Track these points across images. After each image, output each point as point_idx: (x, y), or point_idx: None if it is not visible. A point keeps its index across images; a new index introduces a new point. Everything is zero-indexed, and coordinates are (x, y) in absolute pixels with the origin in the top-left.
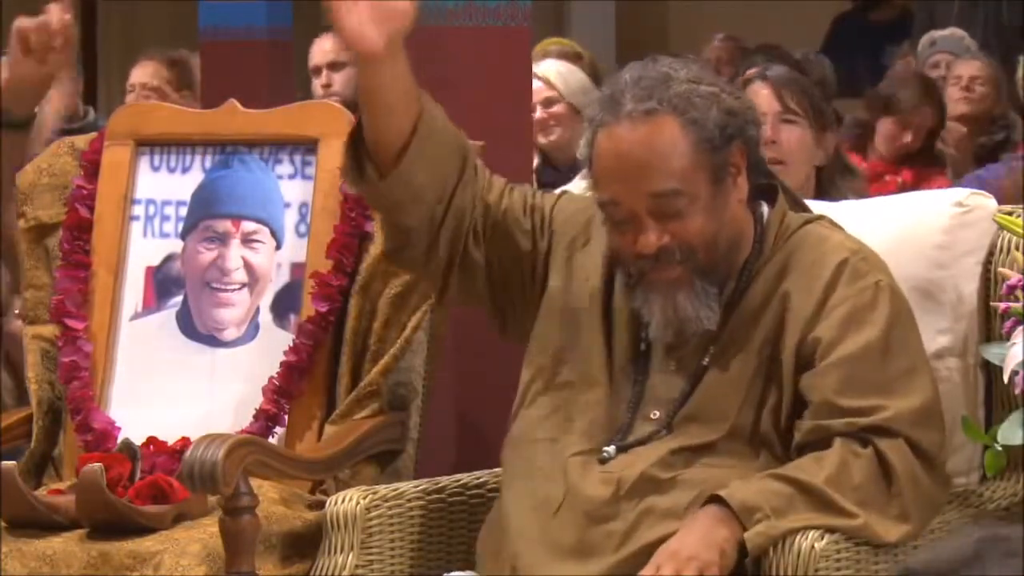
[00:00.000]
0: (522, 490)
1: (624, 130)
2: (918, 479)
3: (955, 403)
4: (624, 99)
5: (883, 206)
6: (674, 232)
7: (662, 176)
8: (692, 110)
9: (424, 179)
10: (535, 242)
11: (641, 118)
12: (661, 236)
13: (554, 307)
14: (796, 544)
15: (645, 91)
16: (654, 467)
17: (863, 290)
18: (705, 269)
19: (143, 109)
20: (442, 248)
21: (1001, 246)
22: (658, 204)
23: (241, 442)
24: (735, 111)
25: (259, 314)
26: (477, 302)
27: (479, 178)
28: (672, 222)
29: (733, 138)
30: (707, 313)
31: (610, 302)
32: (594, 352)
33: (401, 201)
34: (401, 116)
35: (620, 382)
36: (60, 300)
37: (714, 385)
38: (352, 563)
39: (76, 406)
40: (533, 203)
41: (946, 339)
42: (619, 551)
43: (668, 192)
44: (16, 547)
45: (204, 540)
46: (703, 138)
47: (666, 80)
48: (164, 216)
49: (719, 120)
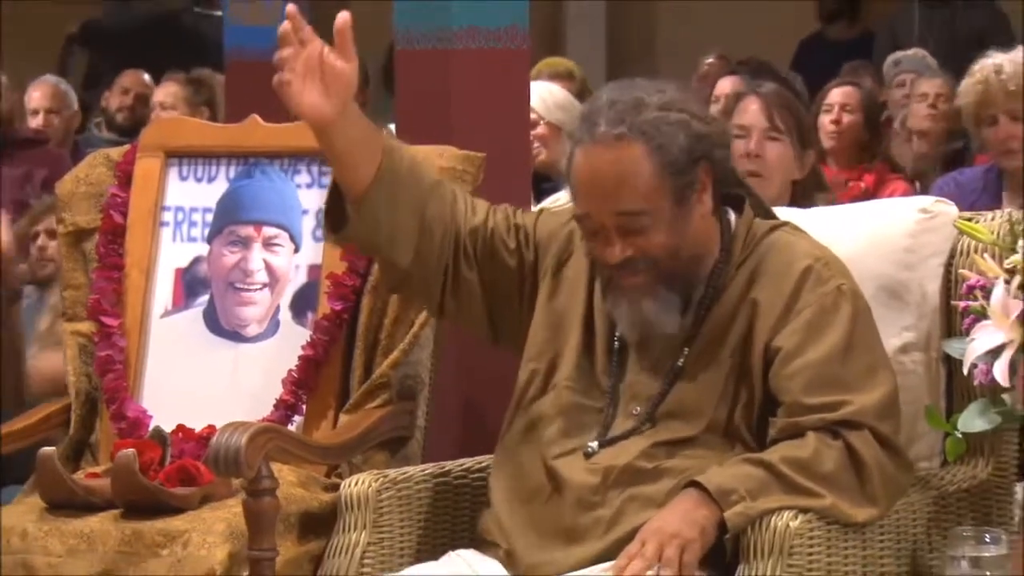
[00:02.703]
0: (514, 485)
1: (596, 151)
2: (884, 466)
3: (919, 394)
4: (599, 121)
5: (854, 212)
6: (637, 246)
7: (627, 197)
8: (659, 136)
9: (389, 219)
10: (522, 257)
11: (612, 142)
12: (625, 249)
13: (545, 315)
14: (772, 523)
15: (618, 115)
16: (638, 459)
17: (826, 294)
18: (667, 278)
19: (173, 124)
20: (433, 275)
21: (962, 249)
22: (623, 221)
23: (262, 430)
24: (702, 136)
25: (279, 312)
26: (471, 320)
27: (459, 204)
28: (636, 237)
29: (699, 160)
30: (669, 318)
31: (591, 307)
32: (578, 355)
33: (376, 242)
34: (365, 166)
35: (601, 381)
36: (96, 299)
37: (692, 383)
38: (364, 541)
39: (111, 396)
40: (516, 222)
41: (911, 335)
42: (606, 536)
43: (632, 212)
44: (56, 526)
45: (229, 519)
46: (668, 162)
47: (638, 106)
48: (192, 222)
49: (685, 145)
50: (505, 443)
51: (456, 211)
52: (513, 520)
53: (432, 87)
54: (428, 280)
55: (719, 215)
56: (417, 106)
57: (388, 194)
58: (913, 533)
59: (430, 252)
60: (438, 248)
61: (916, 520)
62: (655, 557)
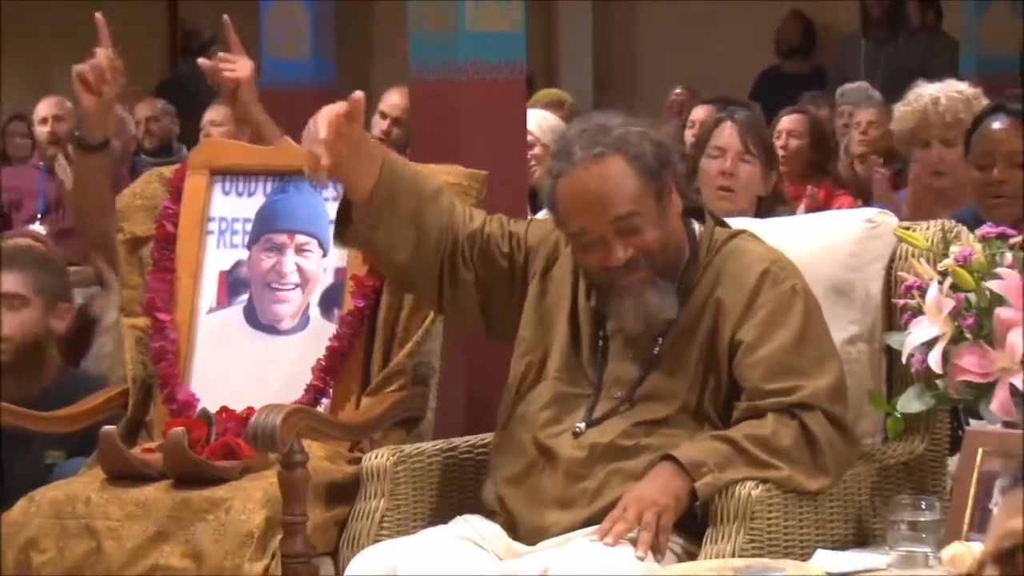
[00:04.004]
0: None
1: (581, 173)
2: (833, 442)
3: (863, 379)
4: (574, 150)
5: (807, 222)
6: (636, 245)
7: (620, 203)
8: (631, 148)
9: (387, 223)
10: (513, 260)
11: (593, 160)
12: (626, 250)
13: (535, 312)
14: (737, 492)
15: (591, 140)
16: (619, 437)
17: (782, 293)
18: (662, 269)
19: (217, 146)
20: (431, 273)
21: (901, 254)
22: (620, 225)
23: (295, 411)
24: (662, 143)
25: (309, 309)
26: (467, 314)
27: (456, 211)
28: (633, 237)
29: (666, 164)
30: (669, 303)
31: (576, 306)
32: (566, 348)
33: (374, 243)
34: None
35: (587, 372)
36: (151, 298)
37: (666, 370)
38: (383, 507)
39: (163, 382)
40: (510, 229)
41: (856, 328)
42: (592, 504)
43: (626, 214)
44: (115, 494)
45: (265, 489)
46: (645, 166)
47: (604, 129)
48: (233, 231)
49: (653, 150)
50: (504, 427)
51: (454, 218)
52: (512, 491)
53: (441, 113)
54: (427, 278)
55: (685, 222)
56: (429, 129)
57: (386, 201)
58: (859, 500)
59: (427, 253)
60: (434, 250)
61: (861, 489)
62: (635, 520)
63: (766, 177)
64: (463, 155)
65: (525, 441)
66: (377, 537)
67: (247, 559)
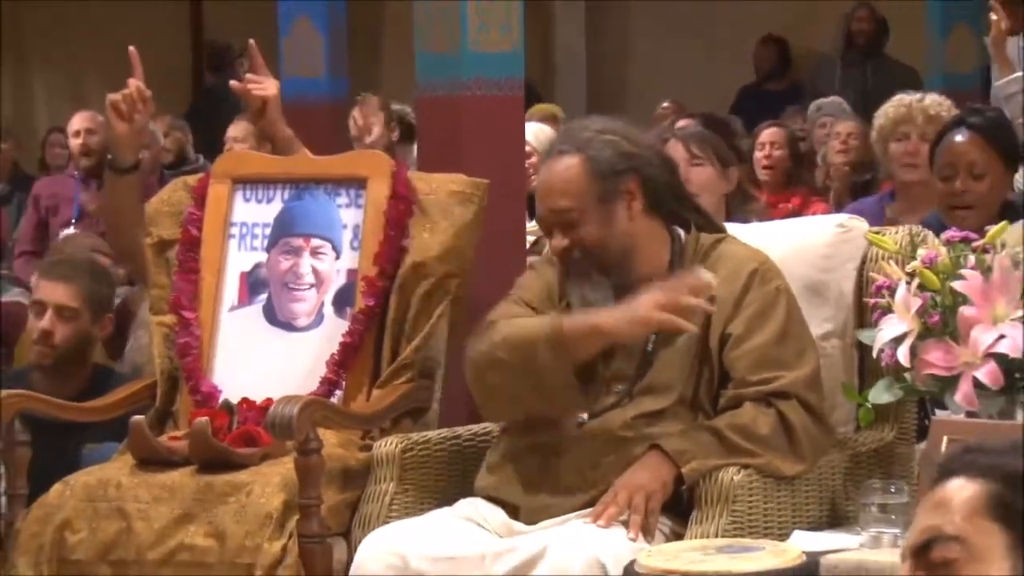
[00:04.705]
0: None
1: (547, 164)
2: (809, 430)
3: (837, 373)
4: (555, 143)
5: (785, 227)
6: (572, 238)
7: (561, 197)
8: (590, 149)
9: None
10: None
11: (556, 156)
12: (561, 240)
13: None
14: (719, 477)
15: (565, 138)
16: (620, 429)
17: (768, 292)
18: (600, 265)
19: (238, 156)
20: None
21: (871, 256)
22: (557, 217)
23: (310, 401)
24: (631, 154)
25: (324, 307)
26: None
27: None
28: (570, 231)
29: (624, 172)
30: (601, 297)
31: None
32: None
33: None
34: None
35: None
36: (177, 297)
37: (662, 365)
38: (392, 491)
39: (188, 375)
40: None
41: (830, 325)
42: (592, 490)
43: (563, 209)
44: (144, 478)
45: (283, 474)
46: (597, 170)
47: (581, 129)
48: (253, 235)
49: (612, 159)
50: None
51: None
52: (517, 477)
53: (446, 126)
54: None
55: (669, 230)
56: (434, 141)
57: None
58: (832, 485)
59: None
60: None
61: (835, 474)
62: (626, 504)
63: (724, 175)
64: (466, 165)
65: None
66: (387, 518)
67: (266, 539)
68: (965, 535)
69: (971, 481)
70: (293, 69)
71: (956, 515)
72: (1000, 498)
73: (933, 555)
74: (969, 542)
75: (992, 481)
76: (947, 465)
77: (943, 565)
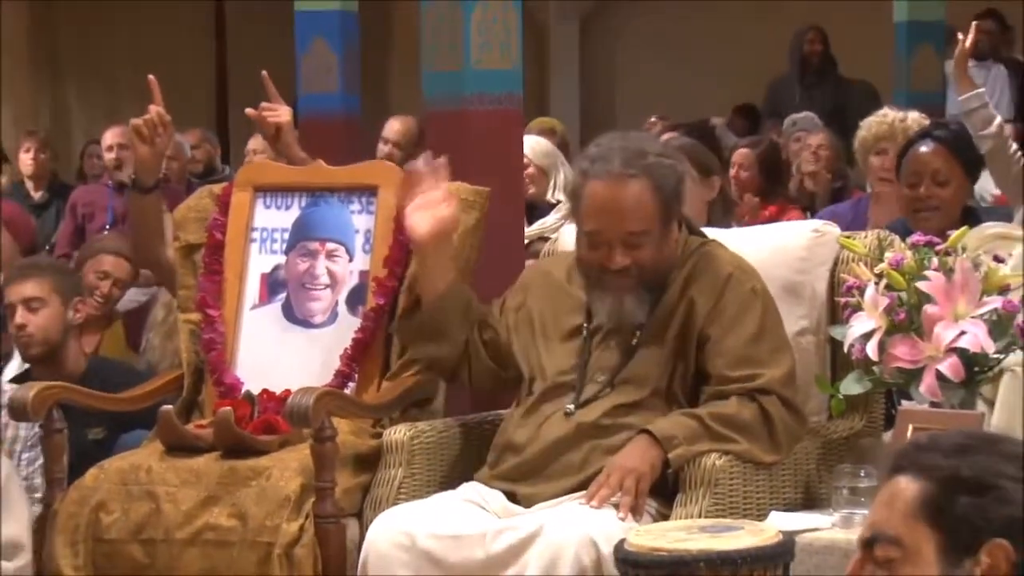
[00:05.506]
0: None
1: (612, 183)
2: (786, 421)
3: (811, 366)
4: (613, 161)
5: (763, 232)
6: (634, 257)
7: (636, 220)
8: (658, 177)
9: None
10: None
11: (626, 177)
12: (624, 259)
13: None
14: (703, 462)
15: (628, 159)
16: (602, 417)
17: (744, 294)
18: (647, 282)
19: (259, 166)
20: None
21: (843, 259)
22: (629, 238)
23: (325, 393)
24: (682, 179)
25: (338, 306)
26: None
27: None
28: (635, 251)
29: (679, 197)
30: (640, 310)
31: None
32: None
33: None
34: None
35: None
36: (202, 296)
37: (642, 359)
38: (401, 475)
39: (213, 368)
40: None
41: (805, 322)
42: (578, 474)
43: (638, 232)
44: (172, 464)
45: (300, 459)
46: (663, 197)
47: (643, 153)
48: (273, 239)
49: (673, 185)
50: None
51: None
52: (514, 465)
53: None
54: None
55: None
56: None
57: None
58: (807, 469)
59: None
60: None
61: (809, 460)
62: (617, 486)
63: (705, 183)
64: (469, 174)
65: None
66: (396, 501)
67: (285, 519)
68: (901, 537)
69: (914, 481)
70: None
71: (896, 515)
72: (935, 502)
73: (876, 552)
74: (904, 543)
75: (931, 482)
76: (898, 460)
77: (885, 563)
